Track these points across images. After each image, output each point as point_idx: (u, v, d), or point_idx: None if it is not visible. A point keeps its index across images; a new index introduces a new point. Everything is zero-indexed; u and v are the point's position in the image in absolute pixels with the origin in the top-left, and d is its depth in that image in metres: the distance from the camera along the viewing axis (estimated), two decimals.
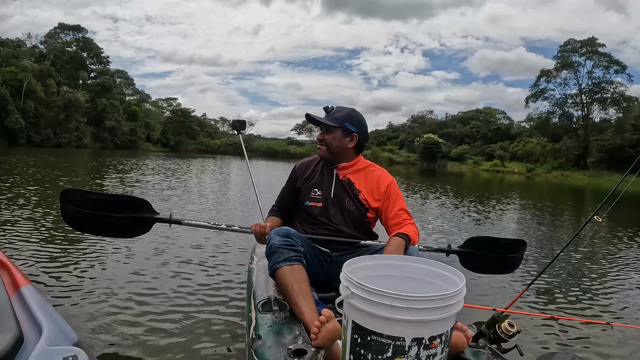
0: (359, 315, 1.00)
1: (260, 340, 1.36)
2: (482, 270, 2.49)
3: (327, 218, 1.94)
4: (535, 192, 18.30)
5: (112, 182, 9.64)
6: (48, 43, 47.36)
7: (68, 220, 2.08)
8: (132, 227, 2.08)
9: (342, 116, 1.95)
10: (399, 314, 0.95)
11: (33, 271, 2.89)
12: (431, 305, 0.96)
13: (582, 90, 42.39)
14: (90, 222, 2.04)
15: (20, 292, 1.63)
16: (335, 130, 1.95)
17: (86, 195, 2.05)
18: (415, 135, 61.89)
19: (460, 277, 1.12)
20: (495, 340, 1.62)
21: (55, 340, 1.29)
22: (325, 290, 1.79)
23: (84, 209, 2.00)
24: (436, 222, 6.78)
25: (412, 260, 1.27)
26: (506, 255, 2.36)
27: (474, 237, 2.38)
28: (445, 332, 1.02)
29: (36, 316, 1.44)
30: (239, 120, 3.20)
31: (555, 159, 40.90)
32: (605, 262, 4.64)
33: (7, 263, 1.86)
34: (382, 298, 0.96)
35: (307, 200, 1.98)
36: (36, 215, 4.84)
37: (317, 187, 1.99)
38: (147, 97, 64.50)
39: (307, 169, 2.06)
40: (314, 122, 2.01)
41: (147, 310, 2.36)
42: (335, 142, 1.95)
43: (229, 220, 5.21)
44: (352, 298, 1.01)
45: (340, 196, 1.96)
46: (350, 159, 2.01)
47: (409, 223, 1.89)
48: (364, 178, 2.01)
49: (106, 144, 46.42)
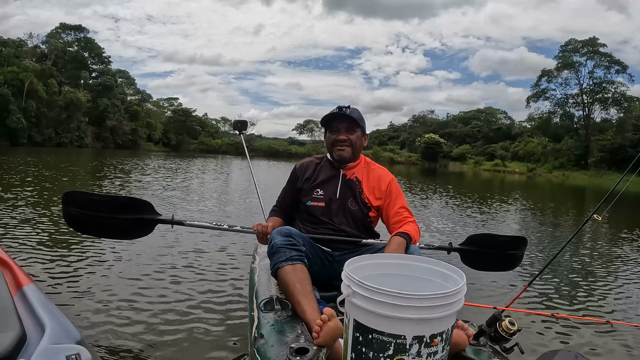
0: (360, 313, 1.01)
1: (263, 339, 1.37)
2: (483, 267, 2.49)
3: (329, 218, 1.95)
4: (537, 192, 18.29)
5: (112, 182, 9.66)
6: (49, 43, 47.40)
7: (70, 223, 2.10)
8: (135, 228, 2.09)
9: (359, 116, 1.97)
10: (400, 312, 0.96)
11: (35, 270, 2.90)
12: (432, 304, 0.97)
13: (583, 90, 42.36)
14: (92, 224, 2.05)
15: (22, 291, 1.63)
16: (358, 130, 1.97)
17: (88, 197, 2.07)
18: (417, 135, 61.84)
19: (460, 276, 1.12)
20: (496, 339, 1.62)
21: (58, 339, 1.29)
22: (327, 289, 1.80)
23: (86, 211, 2.02)
24: (438, 221, 6.79)
25: (412, 259, 1.28)
26: (507, 252, 2.37)
27: (474, 235, 2.39)
28: (446, 330, 1.03)
29: (39, 315, 1.44)
30: (240, 121, 3.22)
31: (556, 158, 40.85)
32: (605, 261, 4.67)
33: (10, 262, 1.87)
34: (383, 296, 0.97)
35: (309, 200, 1.99)
36: (38, 215, 4.86)
37: (320, 187, 1.99)
38: (149, 97, 64.60)
39: (308, 170, 2.06)
40: (331, 121, 1.98)
41: (150, 309, 2.38)
42: (358, 142, 1.98)
43: (231, 221, 5.23)
44: (354, 296, 1.02)
45: (344, 197, 1.97)
46: (357, 158, 2.04)
47: (410, 221, 1.89)
48: (367, 176, 2.02)
49: (107, 143, 46.44)
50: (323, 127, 2.05)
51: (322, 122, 2.02)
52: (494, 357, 1.39)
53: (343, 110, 1.94)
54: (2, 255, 1.92)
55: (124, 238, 2.26)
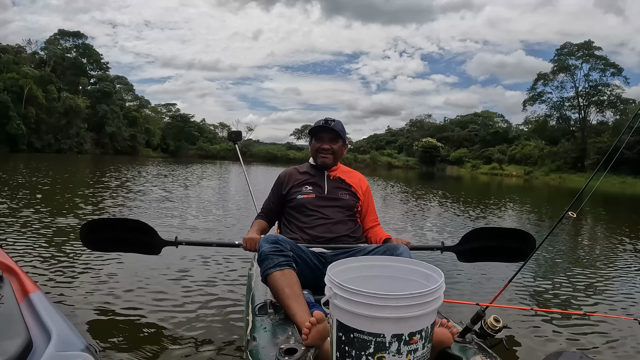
0: (342, 314, 1.08)
1: (255, 342, 1.44)
2: (477, 259, 2.54)
3: (319, 208, 2.12)
4: (533, 195, 18.37)
5: (114, 195, 9.69)
6: (48, 49, 47.57)
7: (91, 246, 2.44)
8: (145, 248, 2.42)
9: (341, 129, 2.23)
10: (378, 311, 1.02)
11: (42, 278, 2.92)
12: (408, 303, 1.03)
13: (579, 93, 42.48)
14: (110, 243, 2.40)
15: (29, 298, 1.64)
16: (340, 140, 2.24)
17: (104, 223, 2.48)
18: (414, 139, 62.00)
19: (439, 275, 1.18)
20: (482, 336, 1.69)
21: (64, 346, 1.30)
22: (322, 292, 1.85)
23: (103, 236, 2.36)
24: (435, 223, 6.86)
25: (395, 260, 1.35)
26: (503, 245, 2.44)
27: (467, 233, 2.46)
28: (425, 328, 1.09)
29: (45, 322, 1.44)
30: (234, 132, 3.40)
31: (553, 161, 40.91)
32: (584, 256, 4.87)
33: (16, 269, 1.88)
34: (360, 297, 1.04)
35: (299, 194, 2.17)
36: (45, 223, 4.89)
37: (308, 184, 2.21)
38: (147, 102, 64.71)
39: (292, 175, 2.28)
40: (318, 132, 2.23)
41: (154, 316, 2.42)
42: (340, 151, 2.26)
43: (227, 230, 5.38)
44: (335, 298, 1.09)
45: (333, 190, 2.20)
46: (337, 163, 2.31)
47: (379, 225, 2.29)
48: (348, 177, 2.30)
49: (107, 149, 46.52)
50: (309, 135, 2.31)
51: (310, 132, 2.28)
52: (479, 354, 1.41)
53: (329, 123, 2.20)
54: (9, 262, 1.94)
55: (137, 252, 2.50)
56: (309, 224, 2.08)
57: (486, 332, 1.71)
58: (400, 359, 1.06)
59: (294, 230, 2.11)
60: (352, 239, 2.09)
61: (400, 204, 10.27)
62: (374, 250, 1.86)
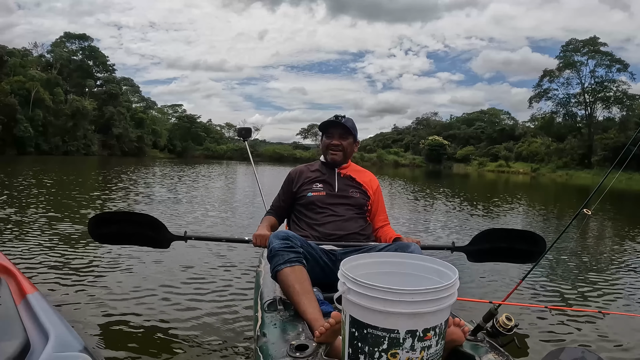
0: (355, 309, 1.06)
1: (265, 338, 1.42)
2: (486, 259, 2.51)
3: (329, 205, 2.10)
4: (540, 192, 18.24)
5: (121, 195, 9.73)
6: (54, 52, 47.90)
7: (99, 239, 2.40)
8: (154, 242, 2.40)
9: (352, 125, 2.19)
10: (392, 307, 1.01)
11: (40, 278, 2.91)
12: (423, 298, 1.02)
13: (585, 90, 42.10)
14: (118, 236, 2.38)
15: (26, 299, 1.63)
16: (350, 137, 2.21)
17: (112, 217, 2.45)
18: (420, 137, 61.80)
19: (453, 272, 1.16)
20: (494, 334, 1.67)
21: (62, 347, 1.29)
22: (331, 290, 1.84)
23: (111, 229, 2.34)
24: (444, 223, 6.82)
25: (408, 257, 1.33)
26: (514, 247, 2.40)
27: (478, 234, 2.44)
28: (439, 325, 1.07)
29: (43, 323, 1.43)
30: (244, 128, 3.37)
31: (559, 158, 40.64)
32: (596, 254, 4.80)
33: (14, 270, 1.87)
34: (375, 292, 1.02)
35: (310, 192, 2.15)
36: (43, 223, 4.90)
37: (319, 182, 2.18)
38: (154, 104, 65.18)
39: (303, 173, 2.25)
40: (327, 128, 2.20)
41: (155, 316, 2.39)
42: (349, 147, 2.21)
43: (237, 227, 5.39)
44: (348, 293, 1.07)
45: (344, 188, 2.17)
46: (347, 161, 2.27)
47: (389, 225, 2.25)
48: (358, 175, 2.26)
49: (114, 151, 46.76)
50: (320, 132, 2.28)
51: (320, 128, 2.24)
52: (491, 352, 1.40)
53: (339, 119, 2.17)
54: (7, 263, 1.94)
55: (148, 246, 2.48)
56: (319, 221, 2.06)
57: (498, 330, 1.68)
58: (414, 355, 1.04)
59: (304, 227, 2.09)
60: (362, 237, 2.08)
61: (407, 203, 10.23)
62: (385, 248, 1.84)
